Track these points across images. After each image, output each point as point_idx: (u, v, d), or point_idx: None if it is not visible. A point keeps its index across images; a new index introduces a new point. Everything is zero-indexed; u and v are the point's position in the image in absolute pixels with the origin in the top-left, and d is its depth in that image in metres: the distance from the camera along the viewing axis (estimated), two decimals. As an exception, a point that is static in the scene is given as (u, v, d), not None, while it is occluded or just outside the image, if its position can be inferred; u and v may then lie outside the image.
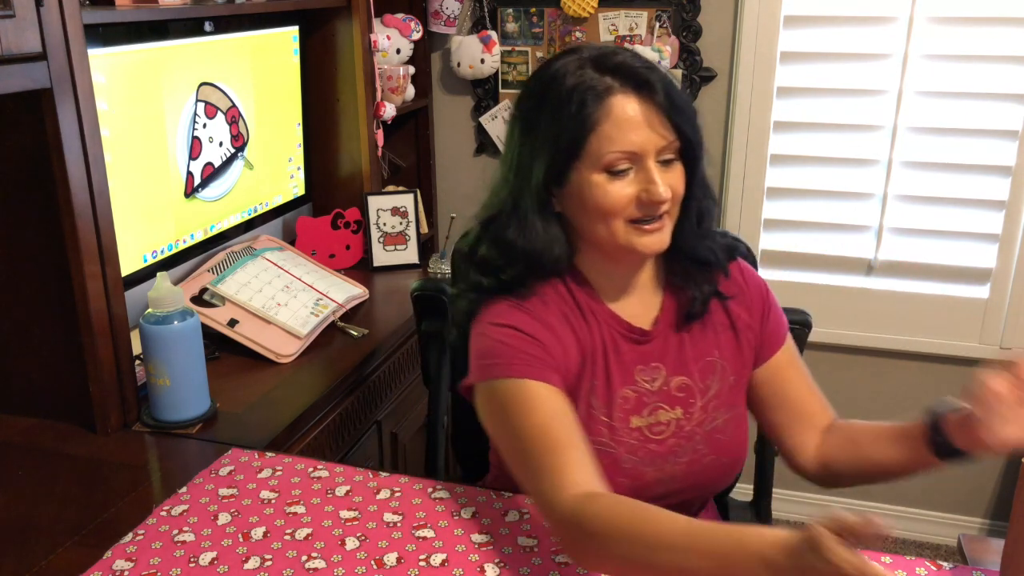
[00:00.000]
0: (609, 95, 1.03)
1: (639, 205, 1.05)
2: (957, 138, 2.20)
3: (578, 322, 1.12)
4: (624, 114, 1.03)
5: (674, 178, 1.06)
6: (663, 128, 1.04)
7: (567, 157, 1.05)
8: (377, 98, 2.21)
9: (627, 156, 1.04)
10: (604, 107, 1.03)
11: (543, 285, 1.12)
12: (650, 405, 1.14)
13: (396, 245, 2.21)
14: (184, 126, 1.75)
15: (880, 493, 2.55)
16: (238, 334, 1.66)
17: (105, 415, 1.37)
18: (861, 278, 2.37)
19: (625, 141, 1.03)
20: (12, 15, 1.12)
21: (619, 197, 1.04)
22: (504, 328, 1.08)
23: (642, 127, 1.03)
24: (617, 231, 1.06)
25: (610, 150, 1.03)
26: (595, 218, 1.07)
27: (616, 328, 1.14)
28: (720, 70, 2.32)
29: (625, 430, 1.12)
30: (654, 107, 1.04)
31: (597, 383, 1.12)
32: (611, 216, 1.05)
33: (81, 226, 1.29)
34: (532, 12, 2.38)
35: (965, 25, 2.13)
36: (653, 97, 1.04)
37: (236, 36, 1.89)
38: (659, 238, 1.07)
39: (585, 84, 1.04)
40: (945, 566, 1.03)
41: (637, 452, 1.13)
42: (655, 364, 1.15)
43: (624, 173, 1.04)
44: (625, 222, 1.06)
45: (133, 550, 1.05)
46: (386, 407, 1.82)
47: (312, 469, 1.23)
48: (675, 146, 1.06)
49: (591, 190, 1.05)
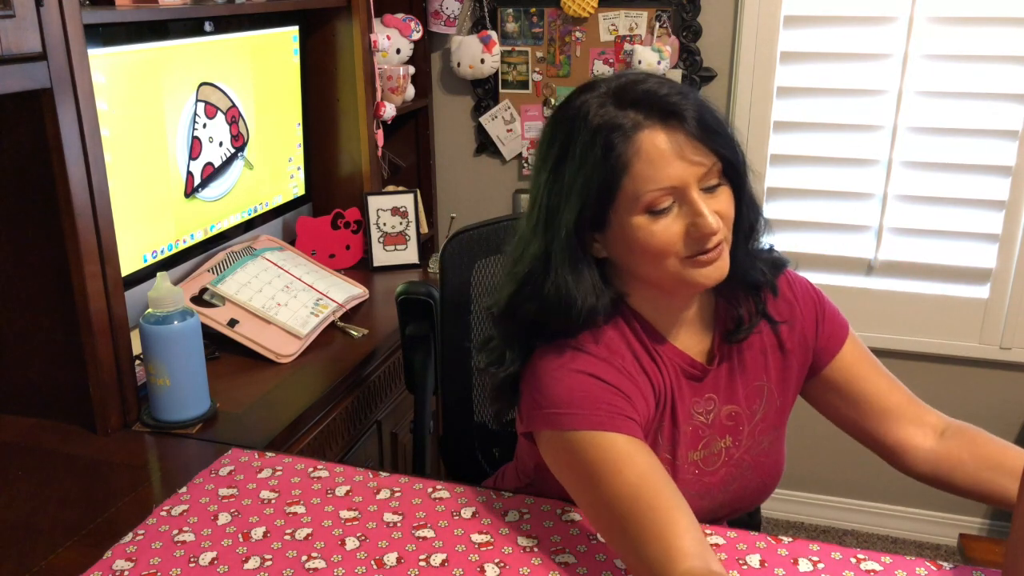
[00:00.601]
0: (636, 132, 0.97)
1: (689, 241, 0.98)
2: (957, 138, 2.20)
3: (650, 366, 1.07)
4: (655, 150, 0.96)
5: (722, 204, 1.00)
6: (699, 155, 0.97)
7: (602, 203, 0.99)
8: (377, 98, 2.21)
9: (667, 192, 0.97)
10: (633, 146, 0.96)
11: (611, 328, 1.06)
12: (705, 438, 1.11)
13: (396, 245, 2.21)
14: (184, 126, 1.75)
15: (880, 493, 2.55)
16: (238, 334, 1.66)
17: (105, 415, 1.37)
18: (861, 278, 2.37)
19: (662, 177, 0.96)
20: (12, 15, 1.12)
21: (667, 237, 0.98)
22: (583, 375, 1.01)
23: (676, 160, 0.96)
24: (671, 269, 1.00)
25: (647, 189, 0.97)
26: (645, 261, 1.01)
27: (680, 365, 1.09)
28: (720, 70, 2.32)
29: (684, 466, 1.10)
30: (685, 135, 0.97)
31: (664, 422, 1.08)
32: (662, 257, 0.99)
33: (81, 226, 1.29)
34: (532, 12, 2.38)
35: (965, 25, 2.13)
36: (683, 125, 0.97)
37: (236, 36, 1.89)
38: (718, 267, 1.01)
39: (609, 123, 0.98)
40: (945, 566, 1.03)
41: (693, 486, 1.10)
42: (709, 395, 1.12)
43: (667, 211, 0.98)
44: (679, 260, 1.00)
45: (133, 550, 1.05)
46: (386, 407, 1.82)
47: (312, 469, 1.23)
48: (717, 169, 0.99)
49: (635, 233, 0.99)
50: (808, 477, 2.59)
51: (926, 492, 2.54)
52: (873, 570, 1.02)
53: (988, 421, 2.42)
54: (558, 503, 1.13)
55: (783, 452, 1.19)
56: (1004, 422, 2.41)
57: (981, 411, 2.41)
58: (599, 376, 1.01)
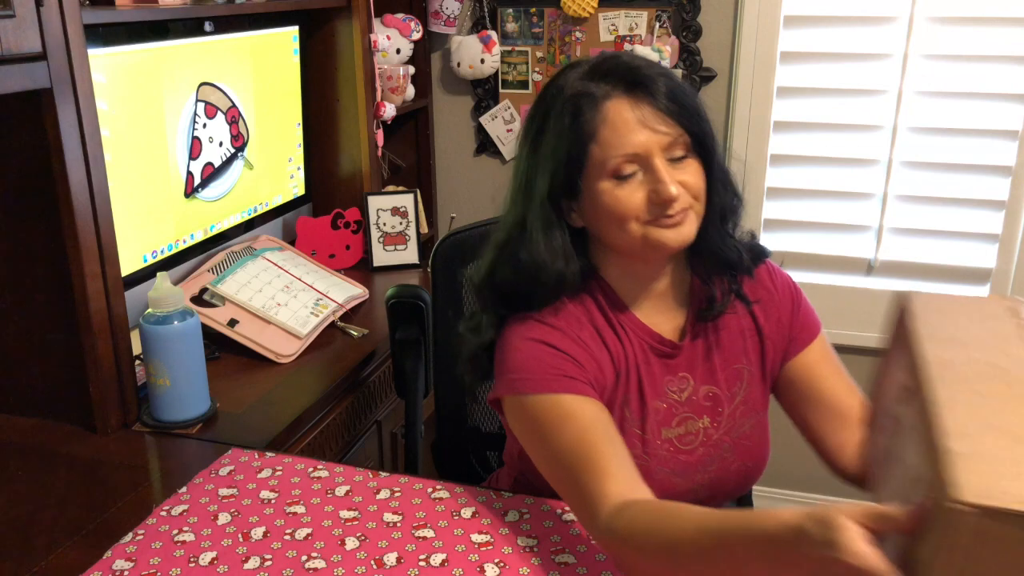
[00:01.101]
0: (604, 100, 1.02)
1: (651, 207, 1.03)
2: (957, 138, 2.20)
3: (611, 338, 1.10)
4: (620, 118, 1.02)
5: (688, 175, 1.04)
6: (664, 125, 1.02)
7: (572, 169, 1.04)
8: (377, 98, 2.21)
9: (630, 159, 1.02)
10: (600, 114, 1.02)
11: (573, 302, 1.10)
12: (679, 416, 1.13)
13: (396, 245, 2.21)
14: (184, 126, 1.75)
15: (880, 493, 2.55)
16: (238, 334, 1.66)
17: (105, 415, 1.37)
18: (861, 278, 2.37)
19: (626, 144, 1.01)
20: (12, 15, 1.12)
21: (630, 202, 1.03)
22: (538, 343, 1.06)
23: (640, 128, 1.01)
24: (635, 232, 1.04)
25: (612, 155, 1.02)
26: (611, 226, 1.05)
27: (647, 340, 1.12)
28: (720, 70, 2.32)
29: (656, 442, 1.12)
30: (652, 106, 1.02)
31: (631, 396, 1.11)
32: (624, 221, 1.04)
33: (81, 226, 1.29)
34: (532, 12, 2.38)
35: (965, 25, 2.13)
36: (650, 96, 1.02)
37: (236, 36, 1.89)
38: (681, 231, 1.04)
39: (580, 92, 1.03)
40: (945, 566, 1.03)
41: (668, 463, 1.12)
42: (683, 374, 1.13)
43: (631, 176, 1.03)
44: (641, 224, 1.04)
45: (133, 550, 1.05)
46: (386, 407, 1.82)
47: (312, 469, 1.23)
48: (684, 142, 1.03)
49: (601, 198, 1.04)
50: (808, 477, 2.59)
51: (926, 492, 2.55)
52: (873, 570, 1.01)
53: (988, 421, 2.42)
54: (558, 503, 1.13)
55: (767, 439, 1.19)
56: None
57: (981, 411, 2.41)
58: (551, 343, 1.06)
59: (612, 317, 1.11)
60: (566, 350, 1.06)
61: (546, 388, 1.03)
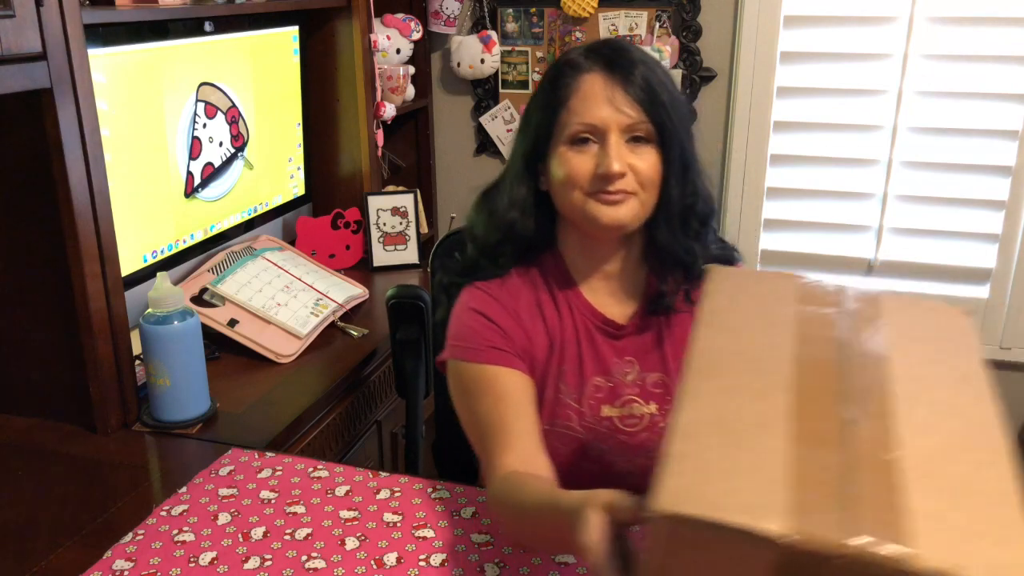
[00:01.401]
0: (582, 72, 1.08)
1: (594, 178, 1.07)
2: (957, 138, 2.20)
3: (550, 311, 1.15)
4: (590, 90, 1.07)
5: (642, 161, 1.07)
6: (629, 108, 1.06)
7: (546, 133, 1.10)
8: (377, 98, 2.21)
9: (588, 128, 1.07)
10: (575, 84, 1.08)
11: (523, 276, 1.16)
12: (624, 397, 1.15)
13: (396, 245, 2.21)
14: (184, 126, 1.75)
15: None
16: (238, 334, 1.66)
17: (105, 415, 1.37)
18: (861, 278, 2.37)
19: (587, 114, 1.07)
20: (12, 15, 1.12)
21: (577, 168, 1.07)
22: (474, 313, 1.12)
23: (605, 103, 1.06)
24: (576, 200, 1.09)
25: (573, 122, 1.07)
26: (560, 189, 1.10)
27: (590, 319, 1.16)
28: (720, 70, 2.32)
29: (595, 418, 1.14)
30: (622, 86, 1.07)
31: (568, 368, 1.14)
32: (570, 186, 1.08)
33: (81, 226, 1.29)
34: (532, 12, 2.39)
35: (965, 25, 2.13)
36: (624, 77, 1.07)
37: (236, 36, 1.89)
38: (617, 211, 1.08)
39: (566, 62, 1.10)
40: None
41: (606, 441, 1.15)
42: (629, 358, 1.16)
43: (586, 145, 1.07)
44: (583, 194, 1.08)
45: (133, 550, 1.05)
46: (386, 407, 1.82)
47: (312, 469, 1.23)
48: (646, 128, 1.07)
49: (557, 161, 1.09)
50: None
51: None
52: (873, 570, 1.01)
53: (988, 421, 2.42)
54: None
55: None
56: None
57: (981, 411, 2.41)
58: (484, 312, 1.12)
59: (557, 292, 1.16)
60: (497, 321, 1.11)
61: (474, 357, 1.09)
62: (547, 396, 1.13)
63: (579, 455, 1.13)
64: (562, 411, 1.13)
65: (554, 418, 1.13)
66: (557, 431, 1.13)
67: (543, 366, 1.14)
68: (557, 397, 1.13)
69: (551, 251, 1.18)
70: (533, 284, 1.16)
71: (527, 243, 1.16)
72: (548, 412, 1.13)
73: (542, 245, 1.17)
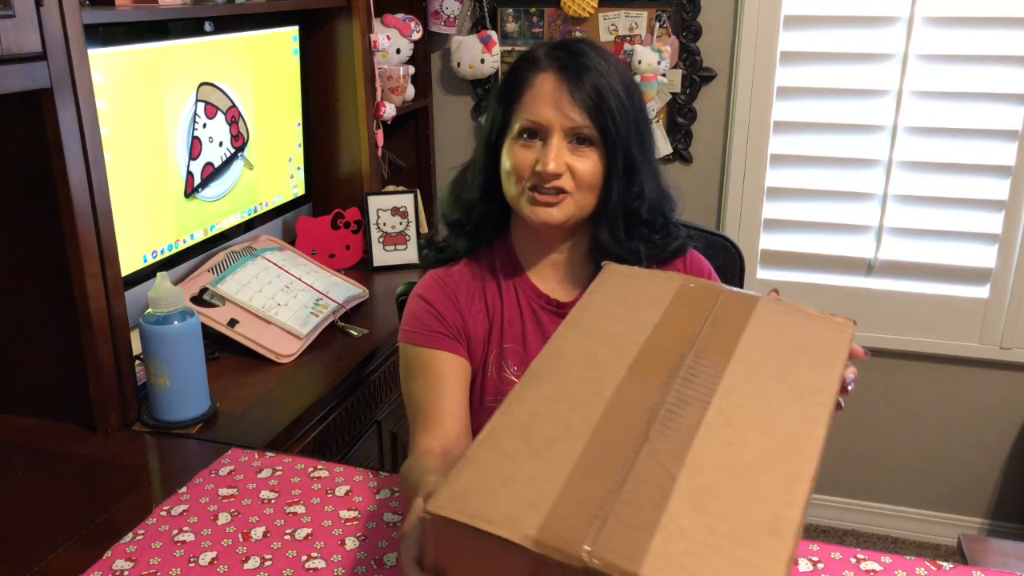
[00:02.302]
0: (538, 71, 1.12)
1: (532, 174, 1.11)
2: (957, 138, 2.20)
3: (492, 293, 1.21)
4: (541, 89, 1.11)
5: (581, 164, 1.11)
6: (573, 112, 1.09)
7: (502, 124, 1.15)
8: (377, 98, 2.21)
9: (533, 125, 1.11)
10: (529, 80, 1.12)
11: (474, 258, 1.22)
12: None
13: (396, 245, 2.21)
14: (184, 126, 1.75)
15: (880, 493, 2.56)
16: (238, 334, 1.66)
17: (105, 415, 1.37)
18: (861, 278, 2.37)
19: (534, 112, 1.11)
20: (12, 15, 1.12)
21: (519, 161, 1.11)
22: (417, 298, 1.20)
23: (551, 104, 1.10)
24: (515, 193, 1.14)
25: (523, 117, 1.11)
26: (504, 178, 1.15)
27: (535, 300, 1.21)
28: (720, 70, 2.32)
29: None
30: (571, 90, 1.10)
31: (510, 346, 1.20)
32: (510, 179, 1.13)
33: (81, 226, 1.29)
34: (532, 12, 2.39)
35: (965, 25, 2.13)
36: (573, 81, 1.10)
37: (236, 36, 1.89)
38: (549, 212, 1.12)
39: (528, 58, 1.14)
40: (945, 566, 1.03)
41: None
42: None
43: (530, 141, 1.11)
44: (523, 188, 1.12)
45: (133, 550, 1.05)
46: (386, 407, 1.82)
47: (312, 469, 1.23)
48: (589, 132, 1.10)
49: (505, 151, 1.14)
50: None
51: (926, 492, 2.55)
52: (873, 570, 1.02)
53: (988, 421, 2.42)
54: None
55: None
56: (1004, 422, 2.41)
57: (981, 411, 2.41)
58: (425, 297, 1.20)
59: (504, 276, 1.22)
60: (436, 305, 1.18)
61: (414, 340, 1.17)
62: (490, 374, 1.20)
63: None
64: (506, 388, 1.18)
65: (498, 394, 1.19)
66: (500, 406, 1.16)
67: (483, 346, 1.20)
68: (500, 375, 1.19)
69: (504, 236, 1.24)
70: (481, 268, 1.22)
71: (485, 225, 1.21)
72: (492, 388, 1.20)
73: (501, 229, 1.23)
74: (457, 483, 0.60)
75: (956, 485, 2.50)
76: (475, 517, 0.57)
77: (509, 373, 1.20)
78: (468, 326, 1.19)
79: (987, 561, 1.12)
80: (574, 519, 0.56)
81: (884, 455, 2.52)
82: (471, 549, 0.59)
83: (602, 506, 0.57)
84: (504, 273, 1.22)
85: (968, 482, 2.48)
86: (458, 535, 0.58)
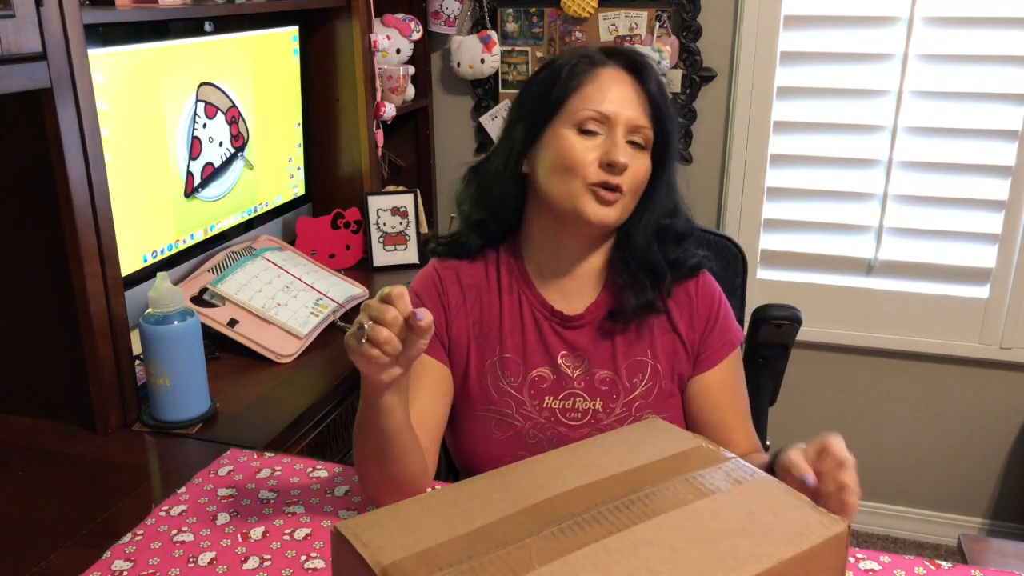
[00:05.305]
0: (602, 65, 1.11)
1: (600, 168, 1.08)
2: (957, 138, 2.20)
3: (490, 300, 1.18)
4: (610, 81, 1.09)
5: (637, 164, 1.09)
6: (641, 110, 1.09)
7: (548, 115, 1.11)
8: (377, 98, 2.21)
9: (600, 117, 1.08)
10: (594, 72, 1.10)
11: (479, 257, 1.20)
12: (567, 390, 1.16)
13: (396, 245, 2.21)
14: (184, 126, 1.76)
15: (880, 492, 2.56)
16: (238, 334, 1.66)
17: (105, 415, 1.37)
18: (861, 278, 2.37)
19: (603, 102, 1.08)
20: (12, 15, 1.12)
21: (584, 154, 1.08)
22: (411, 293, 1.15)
23: (621, 99, 1.08)
24: (574, 189, 1.08)
25: (586, 107, 1.08)
26: (557, 171, 1.09)
27: (539, 310, 1.18)
28: (720, 70, 2.32)
29: (536, 407, 1.16)
30: (640, 89, 1.09)
31: (510, 356, 1.17)
32: (572, 171, 1.08)
33: (81, 226, 1.29)
34: (532, 12, 2.39)
35: (965, 25, 2.13)
36: (642, 81, 1.10)
37: (236, 36, 1.89)
38: (609, 212, 1.09)
39: (582, 56, 1.12)
40: (944, 566, 1.03)
41: (545, 431, 1.16)
42: (578, 352, 1.17)
43: (593, 135, 1.08)
44: (583, 183, 1.08)
45: (132, 550, 1.05)
46: (386, 407, 1.82)
47: (311, 469, 1.23)
48: (647, 135, 1.10)
49: (560, 142, 1.09)
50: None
51: (926, 492, 2.55)
52: (872, 569, 1.02)
53: (988, 421, 2.42)
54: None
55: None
56: (1004, 422, 2.41)
57: (981, 411, 2.41)
58: (418, 295, 1.19)
59: (505, 283, 1.18)
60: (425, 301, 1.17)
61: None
62: (486, 383, 1.16)
63: (515, 442, 1.16)
64: (503, 399, 1.16)
65: (489, 403, 1.16)
66: (493, 416, 1.16)
67: (464, 351, 1.17)
68: (497, 385, 1.16)
69: (513, 237, 1.20)
70: (483, 269, 1.19)
71: (505, 227, 1.19)
72: (483, 398, 1.17)
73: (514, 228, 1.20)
74: (370, 516, 0.70)
75: (956, 485, 2.49)
76: (356, 538, 0.66)
77: (505, 384, 1.17)
78: (451, 328, 1.18)
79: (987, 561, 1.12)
80: (426, 565, 0.63)
81: (884, 455, 2.52)
82: (350, 569, 0.67)
83: (452, 563, 0.63)
84: (508, 279, 1.19)
85: (968, 482, 2.48)
86: (348, 553, 0.66)
